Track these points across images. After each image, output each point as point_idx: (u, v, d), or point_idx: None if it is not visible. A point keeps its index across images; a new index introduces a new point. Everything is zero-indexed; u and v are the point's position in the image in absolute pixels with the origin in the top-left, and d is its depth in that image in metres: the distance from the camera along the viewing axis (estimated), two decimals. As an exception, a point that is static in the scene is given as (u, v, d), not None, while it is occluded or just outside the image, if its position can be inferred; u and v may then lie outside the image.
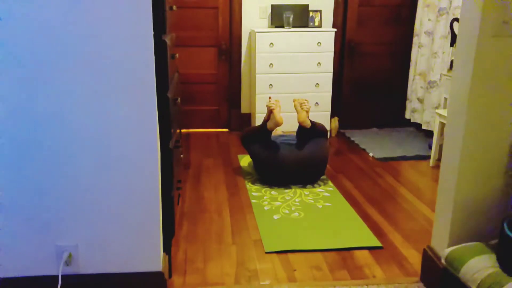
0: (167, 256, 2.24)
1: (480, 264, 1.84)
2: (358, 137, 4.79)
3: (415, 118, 4.88)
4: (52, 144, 1.89)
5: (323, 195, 3.33)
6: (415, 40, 4.82)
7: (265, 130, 3.50)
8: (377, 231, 2.81)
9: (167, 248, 2.25)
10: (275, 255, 2.54)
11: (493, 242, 1.98)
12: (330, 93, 4.67)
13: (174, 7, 2.38)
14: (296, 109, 3.53)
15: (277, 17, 4.65)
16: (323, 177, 3.66)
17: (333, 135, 4.91)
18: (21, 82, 1.82)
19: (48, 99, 1.85)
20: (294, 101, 3.61)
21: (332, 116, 4.86)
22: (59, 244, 2.02)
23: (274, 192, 3.39)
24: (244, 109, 5.05)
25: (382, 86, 5.15)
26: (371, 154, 4.27)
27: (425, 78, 4.68)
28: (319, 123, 3.57)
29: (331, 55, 4.57)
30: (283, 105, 4.45)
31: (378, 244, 2.65)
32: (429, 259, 2.23)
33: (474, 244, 1.99)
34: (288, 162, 3.39)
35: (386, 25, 5.01)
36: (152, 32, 1.84)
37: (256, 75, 4.53)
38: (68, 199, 1.96)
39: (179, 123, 2.80)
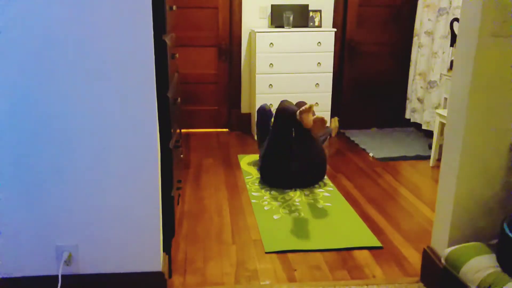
0: (167, 256, 2.24)
1: (480, 264, 1.84)
2: (358, 137, 4.79)
3: (415, 118, 4.88)
4: (52, 144, 1.89)
5: (323, 195, 3.33)
6: (415, 40, 4.82)
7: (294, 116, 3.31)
8: (377, 231, 2.81)
9: (167, 248, 2.25)
10: (275, 255, 2.54)
11: (493, 242, 1.98)
12: (330, 93, 4.68)
13: (174, 7, 2.38)
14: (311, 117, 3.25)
15: (277, 17, 4.65)
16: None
17: (333, 135, 4.91)
18: (21, 83, 1.82)
19: (48, 99, 1.85)
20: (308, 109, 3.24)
21: (332, 116, 4.86)
22: (59, 244, 2.02)
23: (274, 192, 3.39)
24: (244, 109, 5.05)
25: (382, 86, 5.15)
26: (371, 154, 4.27)
27: (425, 78, 4.68)
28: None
29: (331, 55, 4.57)
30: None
31: (378, 244, 2.65)
32: (429, 259, 2.23)
33: (474, 244, 1.99)
34: (289, 169, 3.38)
35: (386, 25, 5.01)
36: (152, 32, 1.84)
37: (256, 75, 4.53)
38: (68, 199, 1.96)
39: (179, 123, 2.80)
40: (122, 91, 1.87)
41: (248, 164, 3.99)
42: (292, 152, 3.39)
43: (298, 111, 3.21)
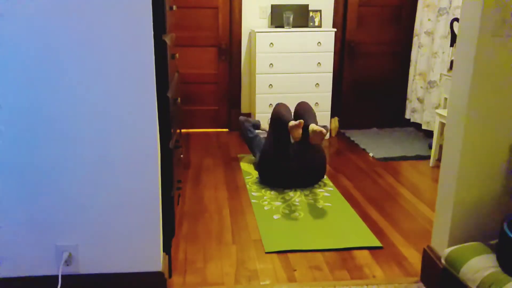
0: (167, 256, 2.24)
1: (480, 264, 1.84)
2: (358, 137, 4.79)
3: (415, 118, 4.88)
4: (52, 144, 1.89)
5: (323, 195, 3.33)
6: (415, 40, 4.82)
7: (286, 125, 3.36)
8: (377, 231, 2.81)
9: (167, 248, 2.25)
10: (275, 255, 2.54)
11: (493, 242, 1.98)
12: (330, 93, 4.67)
13: (174, 7, 2.38)
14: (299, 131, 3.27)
15: (277, 17, 4.65)
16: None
17: (333, 135, 4.91)
18: (20, 83, 1.82)
19: (48, 99, 1.85)
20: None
21: (332, 116, 4.86)
22: (59, 244, 2.02)
23: (274, 192, 3.39)
24: (244, 109, 5.05)
25: (382, 86, 5.15)
26: (371, 154, 4.27)
27: (425, 78, 4.68)
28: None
29: (331, 55, 4.57)
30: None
31: (378, 244, 2.65)
32: (429, 259, 2.23)
33: (474, 244, 1.99)
34: (290, 167, 3.39)
35: (386, 25, 5.01)
36: (152, 32, 1.84)
37: (256, 75, 4.53)
38: (68, 199, 1.96)
39: (179, 123, 2.80)
40: (122, 91, 1.87)
41: (248, 164, 3.99)
42: (290, 152, 3.40)
43: (289, 126, 3.24)
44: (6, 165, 1.90)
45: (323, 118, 4.71)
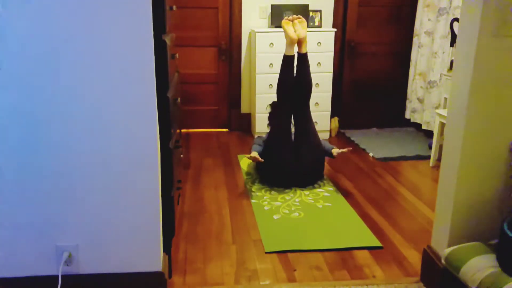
0: (167, 256, 2.24)
1: (480, 264, 1.84)
2: (358, 137, 4.79)
3: (415, 118, 4.88)
4: (51, 143, 1.89)
5: (323, 195, 3.33)
6: (415, 40, 4.82)
7: (285, 58, 3.52)
8: (377, 231, 2.81)
9: (167, 248, 2.25)
10: (275, 255, 2.54)
11: (493, 242, 1.98)
12: (330, 93, 4.67)
13: (174, 7, 2.38)
14: (292, 27, 3.44)
15: (277, 17, 4.65)
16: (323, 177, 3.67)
17: (333, 135, 4.91)
18: (20, 82, 1.82)
19: (48, 99, 1.85)
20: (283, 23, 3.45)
21: (332, 116, 4.86)
22: (59, 244, 2.02)
23: (274, 192, 3.39)
24: (244, 109, 5.05)
25: (382, 86, 5.15)
26: (371, 154, 4.27)
27: (425, 78, 4.68)
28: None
29: (331, 55, 4.57)
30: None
31: (378, 244, 2.65)
32: (429, 259, 2.23)
33: (474, 244, 1.99)
34: (289, 166, 3.39)
35: (386, 25, 5.01)
36: (152, 32, 1.84)
37: (256, 75, 4.53)
38: (68, 199, 1.96)
39: (179, 123, 2.80)
40: (122, 91, 1.87)
41: (248, 164, 3.99)
42: (290, 151, 3.39)
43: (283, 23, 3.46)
44: (6, 165, 1.90)
45: (323, 118, 4.71)
